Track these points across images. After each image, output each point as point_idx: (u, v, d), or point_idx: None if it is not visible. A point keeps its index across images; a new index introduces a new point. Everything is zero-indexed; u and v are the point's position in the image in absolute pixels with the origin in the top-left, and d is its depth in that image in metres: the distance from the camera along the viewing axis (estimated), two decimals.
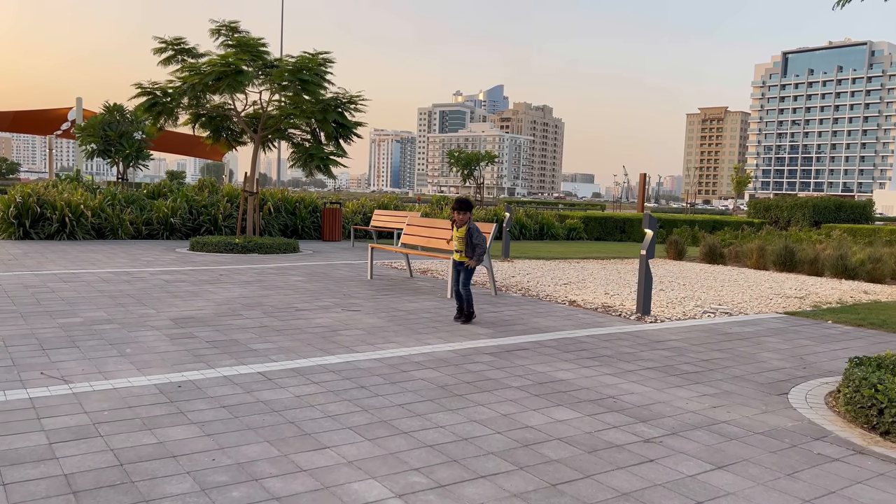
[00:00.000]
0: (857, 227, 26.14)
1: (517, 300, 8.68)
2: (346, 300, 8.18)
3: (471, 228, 7.15)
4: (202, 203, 17.64)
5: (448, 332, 6.52)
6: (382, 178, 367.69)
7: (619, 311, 8.15)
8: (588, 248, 18.85)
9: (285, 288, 8.98)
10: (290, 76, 13.19)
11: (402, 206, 21.84)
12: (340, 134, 14.43)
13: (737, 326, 7.52)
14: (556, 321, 7.33)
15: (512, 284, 10.13)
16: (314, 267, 11.53)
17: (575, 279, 11.11)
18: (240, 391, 4.45)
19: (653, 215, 7.84)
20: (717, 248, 15.89)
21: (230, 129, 15.33)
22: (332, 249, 15.33)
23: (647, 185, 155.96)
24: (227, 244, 13.77)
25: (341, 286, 9.33)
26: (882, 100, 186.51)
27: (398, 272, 11.26)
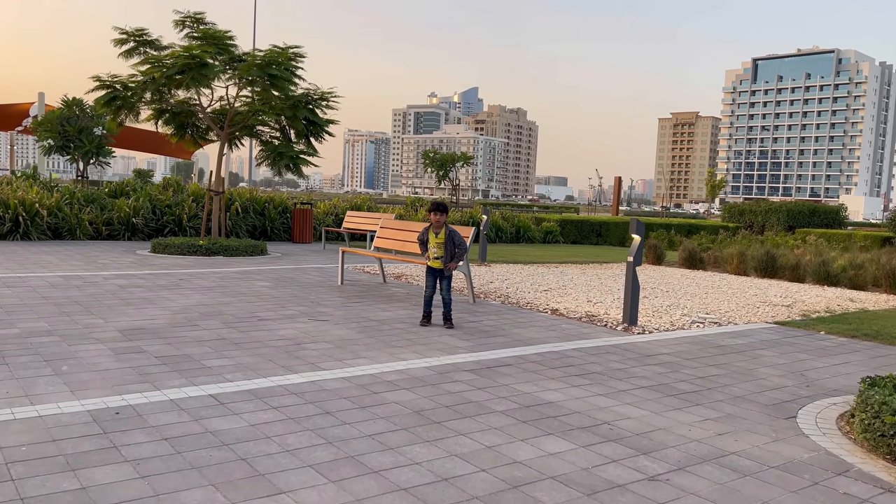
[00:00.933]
0: (831, 232, 26.17)
1: (497, 308, 8.19)
2: (314, 308, 7.62)
3: (451, 232, 6.85)
4: (166, 203, 16.90)
5: (424, 346, 6.01)
6: (356, 179, 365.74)
7: (605, 320, 7.71)
8: (566, 252, 18.48)
9: (249, 294, 8.39)
10: (259, 71, 12.57)
11: (375, 208, 21.28)
12: (311, 132, 13.84)
13: (728, 338, 7.12)
14: (539, 332, 6.85)
15: (490, 291, 9.65)
16: (281, 271, 10.93)
17: (555, 285, 10.67)
18: (186, 419, 3.89)
19: (641, 220, 7.41)
20: (697, 253, 15.60)
21: (196, 126, 14.65)
22: (301, 252, 14.72)
23: (624, 187, 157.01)
24: (191, 246, 13.10)
25: (309, 293, 8.77)
26: (848, 107, 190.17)
27: (371, 277, 10.71)
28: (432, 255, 6.88)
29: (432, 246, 6.90)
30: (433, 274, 6.96)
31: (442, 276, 6.93)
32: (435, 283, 6.96)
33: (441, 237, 6.85)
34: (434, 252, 6.89)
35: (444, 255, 6.85)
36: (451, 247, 6.81)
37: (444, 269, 6.89)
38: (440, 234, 6.87)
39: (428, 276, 6.99)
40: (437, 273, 6.96)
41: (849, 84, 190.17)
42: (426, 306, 6.95)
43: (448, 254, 6.84)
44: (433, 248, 6.90)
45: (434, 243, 6.88)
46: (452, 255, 6.86)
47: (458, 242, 6.87)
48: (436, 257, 6.88)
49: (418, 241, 7.10)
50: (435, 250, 6.88)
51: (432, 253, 6.88)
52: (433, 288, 6.94)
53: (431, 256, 6.89)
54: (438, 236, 6.86)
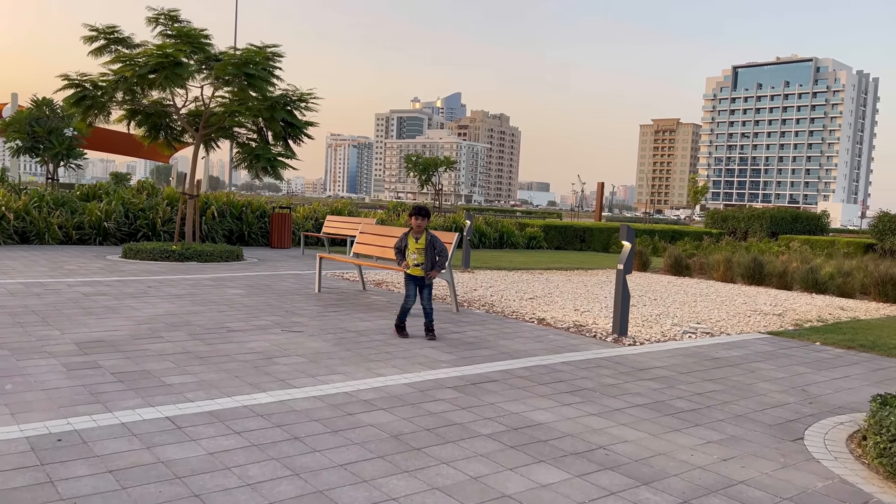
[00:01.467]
0: (814, 238, 26.16)
1: (481, 318, 7.84)
2: (288, 318, 7.22)
3: (431, 237, 6.57)
4: (140, 206, 16.38)
5: (404, 360, 5.63)
6: (339, 184, 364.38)
7: (593, 330, 7.38)
8: (550, 258, 18.19)
9: (220, 303, 7.97)
10: (235, 70, 12.15)
11: (357, 212, 20.88)
12: (289, 134, 13.43)
13: (723, 350, 6.82)
14: (525, 343, 6.51)
15: (474, 299, 9.30)
16: (256, 278, 10.51)
17: (541, 293, 10.34)
18: (137, 446, 3.49)
19: (631, 226, 7.10)
20: (683, 259, 15.37)
21: (170, 128, 14.18)
22: (279, 258, 14.28)
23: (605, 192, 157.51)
24: (164, 251, 12.63)
25: (284, 301, 8.36)
26: (826, 115, 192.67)
27: (350, 284, 10.32)
28: (412, 263, 6.55)
29: (412, 252, 6.56)
30: (413, 282, 6.60)
31: (423, 284, 6.58)
32: (415, 292, 6.60)
33: (421, 242, 6.52)
34: (414, 259, 6.56)
35: (424, 261, 6.51)
36: (432, 253, 6.49)
37: (426, 277, 6.54)
38: (420, 239, 6.54)
39: (408, 285, 6.61)
40: (418, 281, 6.60)
41: (827, 92, 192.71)
42: (402, 316, 6.56)
43: (429, 261, 6.50)
44: (413, 255, 6.56)
45: (414, 249, 6.55)
46: (433, 263, 6.52)
47: (440, 249, 6.56)
48: (416, 264, 6.55)
49: (394, 250, 6.71)
50: (415, 257, 6.55)
51: (412, 260, 6.55)
52: (414, 297, 6.58)
53: (411, 264, 6.56)
54: (419, 241, 6.54)
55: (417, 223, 6.51)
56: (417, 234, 6.55)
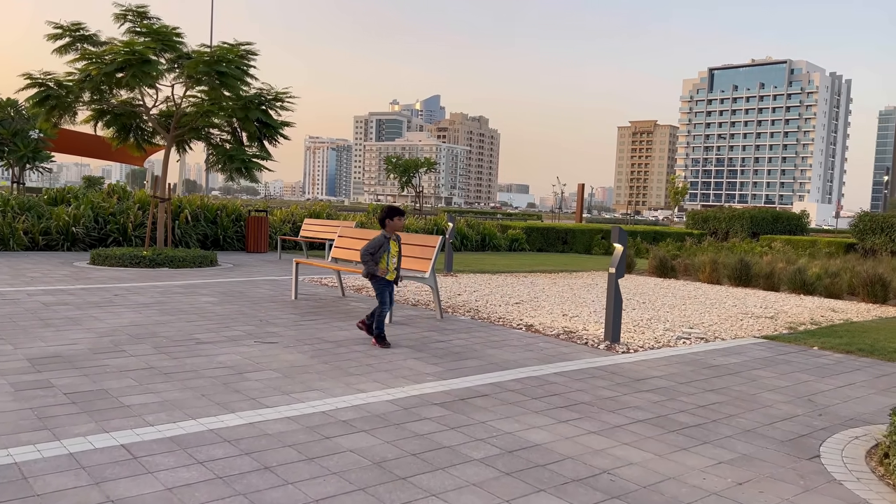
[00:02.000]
0: (795, 238, 26.16)
1: (467, 325, 7.47)
2: (262, 328, 6.80)
3: (399, 239, 6.50)
4: (110, 210, 15.81)
5: (386, 373, 5.25)
6: (318, 187, 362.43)
7: (584, 337, 7.05)
8: (533, 261, 17.88)
9: (190, 312, 7.52)
10: (207, 68, 11.68)
11: (335, 215, 20.43)
12: (264, 134, 12.98)
13: (720, 356, 6.52)
14: (515, 353, 6.15)
15: (459, 304, 8.93)
16: (230, 284, 10.05)
17: (527, 297, 10.01)
18: (85, 482, 3.07)
19: (623, 228, 6.78)
20: (668, 261, 15.14)
21: (140, 129, 13.66)
22: (255, 263, 13.81)
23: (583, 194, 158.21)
24: (134, 257, 12.12)
25: (259, 309, 7.93)
26: (801, 116, 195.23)
27: (328, 290, 9.91)
28: (392, 268, 6.27)
29: (393, 256, 6.28)
30: (389, 288, 6.26)
31: (393, 287, 6.43)
32: (390, 298, 6.30)
33: (398, 244, 6.41)
34: (395, 263, 6.31)
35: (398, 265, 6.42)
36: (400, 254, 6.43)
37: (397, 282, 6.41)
38: (397, 241, 6.42)
39: (384, 292, 6.19)
40: (390, 287, 6.31)
41: (801, 94, 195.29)
42: (381, 326, 6.16)
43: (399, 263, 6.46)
44: (394, 259, 6.29)
45: (395, 251, 6.32)
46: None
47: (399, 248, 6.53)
48: (395, 268, 6.34)
49: (366, 255, 6.16)
50: (395, 260, 6.31)
51: (392, 265, 6.26)
52: (390, 304, 6.29)
53: (392, 269, 6.26)
54: (398, 243, 6.39)
55: (394, 223, 6.30)
56: (391, 234, 6.34)
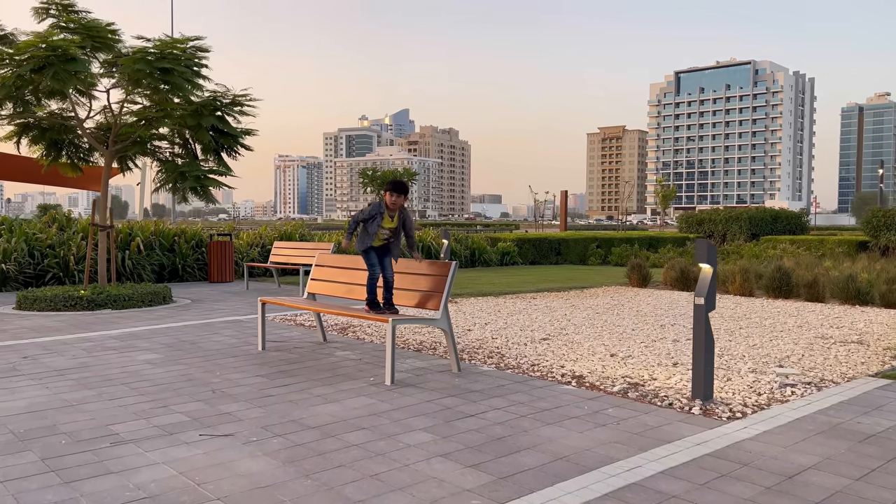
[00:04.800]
0: (799, 238, 24.69)
1: (495, 380, 5.55)
2: (215, 405, 4.81)
3: (404, 215, 6.00)
4: (48, 242, 13.65)
5: (405, 493, 3.30)
6: (289, 205, 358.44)
7: (660, 391, 5.17)
8: (533, 277, 16.02)
9: (118, 382, 5.50)
10: (146, 66, 9.67)
11: (309, 236, 18.40)
12: (222, 145, 10.98)
13: (858, 415, 4.68)
14: (583, 433, 4.25)
15: (474, 345, 7.01)
16: (182, 331, 8.02)
17: (551, 328, 8.12)
18: None
19: (710, 244, 4.92)
20: (690, 271, 13.38)
21: (74, 146, 11.58)
22: (217, 296, 11.76)
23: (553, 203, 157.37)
24: (68, 298, 10.03)
25: (214, 370, 5.93)
26: (767, 115, 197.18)
27: (305, 333, 7.92)
28: (381, 238, 5.96)
29: (385, 228, 5.94)
30: (375, 251, 5.96)
31: (385, 253, 6.01)
32: (378, 261, 5.97)
33: (396, 221, 5.96)
34: (384, 235, 5.98)
35: (393, 239, 6.01)
36: (402, 231, 6.02)
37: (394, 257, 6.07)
38: (395, 217, 5.95)
39: (370, 254, 5.93)
40: (381, 251, 5.99)
41: (766, 93, 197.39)
42: (371, 292, 5.98)
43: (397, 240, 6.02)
44: (385, 232, 5.95)
45: (388, 227, 5.95)
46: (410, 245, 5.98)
47: (410, 230, 6.02)
48: (384, 239, 5.99)
49: (353, 221, 5.98)
50: (387, 234, 5.97)
51: (381, 235, 5.95)
52: (378, 267, 5.95)
53: (381, 238, 5.96)
54: (394, 220, 5.95)
55: (393, 200, 5.87)
56: (392, 213, 5.93)
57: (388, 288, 5.97)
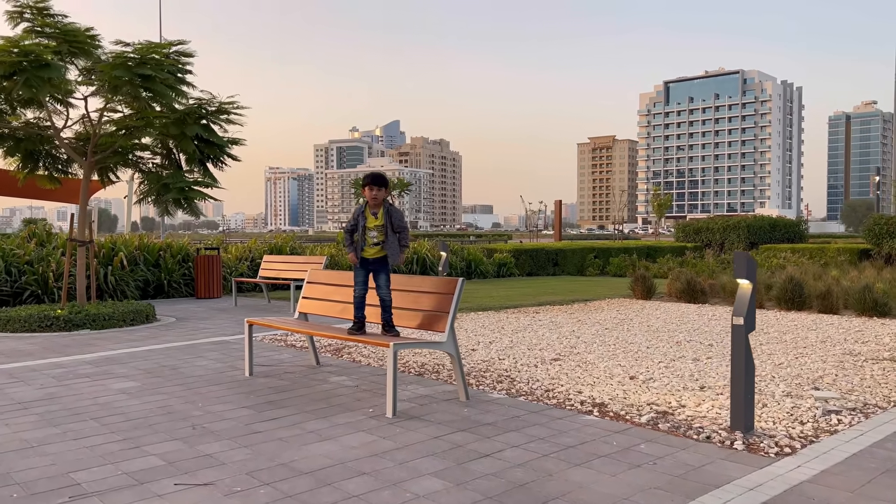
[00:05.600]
0: (800, 246, 24.33)
1: (508, 409, 5.01)
2: (194, 445, 4.25)
3: (389, 209, 5.43)
4: (26, 259, 13.03)
5: None
6: (280, 217, 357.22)
7: (693, 421, 4.65)
8: (533, 289, 15.51)
9: (87, 416, 4.93)
10: (126, 72, 9.12)
11: (300, 249, 17.83)
12: (207, 155, 10.44)
13: None
14: (613, 475, 3.71)
15: (479, 367, 6.47)
16: (163, 354, 7.44)
17: (561, 347, 7.60)
18: None
19: (751, 257, 4.41)
20: (697, 283, 12.89)
21: (52, 157, 11.00)
22: (204, 314, 11.17)
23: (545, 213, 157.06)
24: (44, 318, 9.43)
25: (195, 401, 5.36)
26: (756, 124, 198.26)
27: (296, 355, 7.36)
28: (370, 242, 5.40)
29: (370, 229, 5.38)
30: (364, 267, 5.46)
31: (378, 268, 5.43)
32: (366, 278, 5.48)
33: (380, 218, 5.38)
34: (374, 237, 5.39)
35: (383, 239, 5.39)
36: (390, 229, 5.38)
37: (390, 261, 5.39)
38: (379, 213, 5.40)
39: (358, 272, 5.48)
40: (372, 265, 5.43)
41: (755, 102, 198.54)
42: (358, 310, 5.52)
43: (389, 237, 5.37)
44: (372, 233, 5.38)
45: (373, 226, 5.38)
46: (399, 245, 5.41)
47: (399, 226, 5.40)
48: (375, 243, 5.39)
49: (345, 233, 5.54)
50: (375, 234, 5.38)
51: (370, 239, 5.40)
52: (364, 285, 5.47)
53: (370, 243, 5.40)
54: (378, 217, 5.39)
55: (373, 194, 5.36)
56: (375, 208, 5.41)
57: (385, 308, 5.44)
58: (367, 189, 5.36)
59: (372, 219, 5.37)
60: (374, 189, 5.35)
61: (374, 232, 5.36)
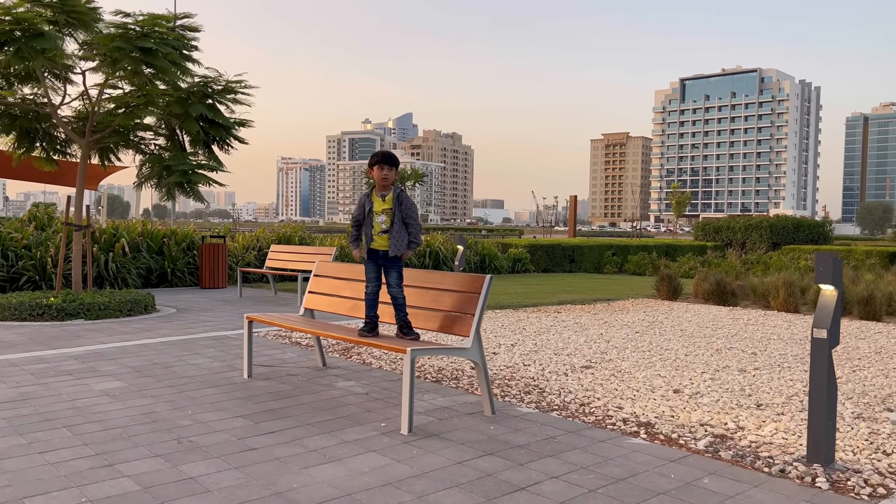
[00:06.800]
0: (824, 248, 23.52)
1: (541, 427, 4.36)
2: (179, 462, 3.63)
3: (399, 196, 4.76)
4: (23, 243, 12.49)
5: None
6: (291, 208, 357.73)
7: (758, 448, 3.98)
8: (551, 286, 14.83)
9: (61, 421, 4.32)
10: (126, 44, 8.51)
11: (309, 239, 17.23)
12: (212, 137, 9.82)
13: None
14: None
15: (506, 376, 5.82)
16: (157, 349, 6.83)
17: (590, 353, 6.94)
18: None
19: (837, 258, 3.73)
20: (727, 284, 12.18)
21: (49, 135, 10.42)
22: (206, 304, 10.58)
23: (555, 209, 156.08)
24: (35, 306, 8.87)
25: (184, 405, 4.75)
26: (773, 123, 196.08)
27: (301, 354, 6.74)
28: (378, 230, 4.73)
29: (378, 214, 4.73)
30: (375, 260, 4.80)
31: (388, 263, 4.76)
32: (378, 274, 4.82)
33: (389, 201, 4.72)
34: (382, 222, 4.71)
35: (391, 226, 4.69)
36: (398, 217, 4.70)
37: (391, 254, 4.69)
38: (387, 197, 4.74)
39: (368, 266, 4.83)
40: (381, 259, 4.77)
41: (772, 101, 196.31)
42: (369, 309, 4.88)
43: (398, 229, 4.68)
44: (380, 218, 4.72)
45: (380, 210, 4.72)
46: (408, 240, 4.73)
47: (408, 215, 4.72)
48: (382, 231, 4.71)
49: (352, 224, 4.96)
50: (383, 219, 4.70)
51: (378, 225, 4.73)
52: (377, 281, 4.83)
53: (378, 230, 4.73)
54: (385, 200, 4.73)
55: (383, 174, 4.72)
56: (383, 191, 4.76)
57: (399, 307, 4.78)
58: (377, 168, 4.73)
59: (379, 202, 4.72)
60: (385, 168, 4.71)
61: (382, 216, 4.72)
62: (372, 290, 4.86)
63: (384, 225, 4.70)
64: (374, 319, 4.85)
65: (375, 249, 4.75)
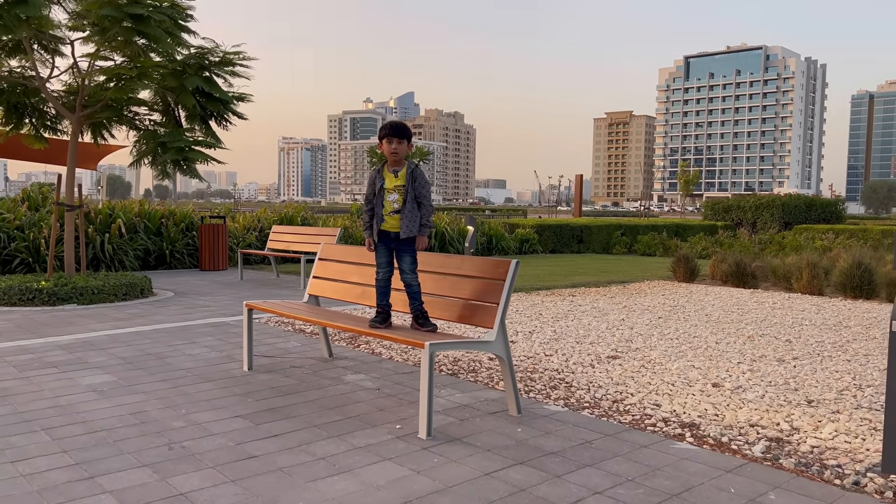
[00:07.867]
0: (838, 227, 22.99)
1: (574, 429, 3.92)
2: (170, 471, 3.19)
3: (413, 172, 4.28)
4: (15, 224, 12.03)
5: None
6: (293, 188, 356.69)
7: (822, 454, 3.54)
8: (561, 268, 14.36)
9: (40, 423, 3.88)
10: (115, 10, 7.97)
11: (312, 219, 16.74)
12: (210, 111, 9.31)
13: None
14: None
15: (528, 368, 5.37)
16: (151, 337, 6.39)
17: (614, 340, 6.49)
18: None
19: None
20: (746, 265, 11.70)
21: (38, 110, 9.91)
22: (206, 287, 10.14)
23: (558, 189, 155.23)
24: (25, 290, 8.42)
25: (180, 402, 4.31)
26: (778, 101, 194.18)
27: (306, 343, 6.29)
28: (389, 209, 4.28)
29: (390, 192, 4.28)
30: (386, 243, 4.34)
31: (400, 247, 4.31)
32: (390, 259, 4.38)
33: (401, 177, 4.27)
34: (394, 201, 4.26)
35: (403, 205, 4.24)
36: (411, 195, 4.25)
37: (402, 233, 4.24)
38: (400, 173, 4.28)
39: (379, 251, 4.37)
40: (393, 243, 4.31)
41: (777, 80, 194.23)
42: (381, 297, 4.43)
43: (409, 207, 4.23)
44: (392, 196, 4.27)
45: (393, 186, 4.27)
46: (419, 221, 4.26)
47: (421, 193, 4.26)
48: (393, 211, 4.26)
49: (365, 205, 4.44)
50: (395, 197, 4.26)
51: (389, 204, 4.28)
52: (388, 266, 4.39)
53: (389, 209, 4.28)
54: (398, 176, 4.27)
55: (393, 148, 4.25)
56: (395, 166, 4.30)
57: (413, 296, 4.33)
58: (386, 142, 4.28)
59: (392, 178, 4.28)
60: (395, 142, 4.24)
61: (395, 194, 4.28)
62: (383, 276, 4.40)
63: (396, 204, 4.26)
64: (387, 308, 4.40)
65: (387, 231, 4.29)
